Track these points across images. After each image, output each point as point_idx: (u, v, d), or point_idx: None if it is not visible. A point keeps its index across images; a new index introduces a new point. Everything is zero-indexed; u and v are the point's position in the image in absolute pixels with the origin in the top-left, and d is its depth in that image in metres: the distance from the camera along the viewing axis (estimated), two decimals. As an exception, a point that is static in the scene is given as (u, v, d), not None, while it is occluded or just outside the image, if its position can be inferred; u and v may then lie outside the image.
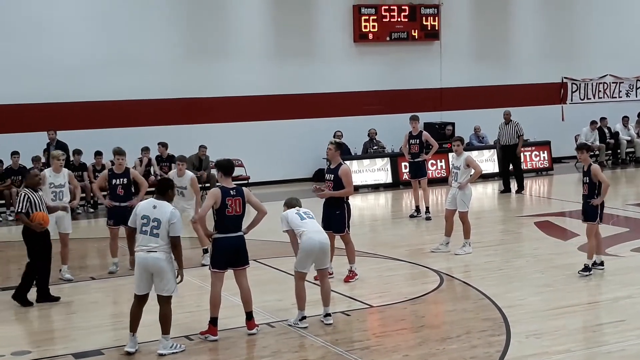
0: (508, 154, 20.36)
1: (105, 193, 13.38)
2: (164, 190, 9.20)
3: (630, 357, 8.66)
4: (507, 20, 25.16)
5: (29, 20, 19.56)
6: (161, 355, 8.93)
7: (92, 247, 15.07)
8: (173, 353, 8.93)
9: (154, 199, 9.10)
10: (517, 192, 20.22)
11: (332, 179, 11.61)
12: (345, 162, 11.91)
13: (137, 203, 12.48)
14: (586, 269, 11.88)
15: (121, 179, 12.70)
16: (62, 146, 18.07)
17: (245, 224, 9.47)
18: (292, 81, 22.46)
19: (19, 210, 10.93)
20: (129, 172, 12.86)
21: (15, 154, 18.74)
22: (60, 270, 12.40)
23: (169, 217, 8.88)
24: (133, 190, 13.06)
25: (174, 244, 8.91)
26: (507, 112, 20.70)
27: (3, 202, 18.71)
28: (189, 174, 13.17)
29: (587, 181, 11.90)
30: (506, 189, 20.28)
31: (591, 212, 11.93)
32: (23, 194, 11.02)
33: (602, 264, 12.11)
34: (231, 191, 9.33)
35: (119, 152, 12.97)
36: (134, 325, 8.97)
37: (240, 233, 9.35)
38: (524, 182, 20.48)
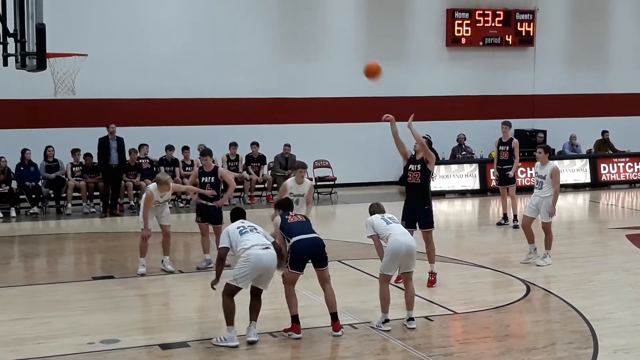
0: None
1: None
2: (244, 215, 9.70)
3: None
4: (604, 26, 24.51)
5: (129, 20, 20.07)
6: (253, 342, 9.12)
7: (180, 242, 15.37)
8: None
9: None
10: None
11: (418, 169, 11.73)
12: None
13: (222, 203, 12.76)
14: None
15: (209, 177, 12.86)
16: (120, 141, 18.38)
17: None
18: (383, 84, 22.28)
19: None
20: (217, 171, 12.96)
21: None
22: (162, 261, 12.72)
23: (262, 229, 9.38)
24: (222, 189, 13.17)
25: (278, 249, 9.27)
26: None
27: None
28: (308, 182, 12.57)
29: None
30: None
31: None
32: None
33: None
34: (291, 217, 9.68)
35: (202, 154, 13.30)
36: (233, 318, 9.04)
37: (316, 235, 9.47)
38: None
